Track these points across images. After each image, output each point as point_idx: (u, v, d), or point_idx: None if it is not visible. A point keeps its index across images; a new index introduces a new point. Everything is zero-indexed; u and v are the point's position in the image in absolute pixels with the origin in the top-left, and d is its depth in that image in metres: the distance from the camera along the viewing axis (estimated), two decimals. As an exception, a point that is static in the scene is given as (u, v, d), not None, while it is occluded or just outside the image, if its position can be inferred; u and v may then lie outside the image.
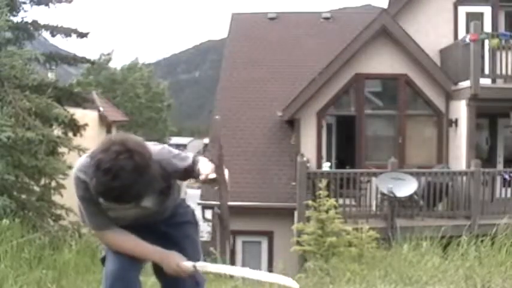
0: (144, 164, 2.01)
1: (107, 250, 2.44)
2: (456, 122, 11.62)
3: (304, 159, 10.37)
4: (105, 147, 1.99)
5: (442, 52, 12.31)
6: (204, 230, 15.04)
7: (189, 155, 2.36)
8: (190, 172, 2.31)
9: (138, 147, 2.03)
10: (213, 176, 2.19)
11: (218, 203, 2.37)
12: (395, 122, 12.34)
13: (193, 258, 2.48)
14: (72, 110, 9.76)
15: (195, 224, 2.67)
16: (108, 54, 37.85)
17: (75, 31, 10.05)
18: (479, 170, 9.87)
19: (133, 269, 2.39)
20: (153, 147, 2.26)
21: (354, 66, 12.14)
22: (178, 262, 2.31)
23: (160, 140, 32.65)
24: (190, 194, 18.19)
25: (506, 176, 10.16)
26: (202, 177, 2.21)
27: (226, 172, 2.24)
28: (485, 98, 10.64)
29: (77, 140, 9.29)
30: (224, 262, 7.66)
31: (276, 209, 11.68)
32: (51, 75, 12.40)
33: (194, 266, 2.33)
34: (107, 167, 1.95)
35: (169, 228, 2.53)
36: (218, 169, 2.20)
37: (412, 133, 12.26)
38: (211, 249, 7.61)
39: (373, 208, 9.96)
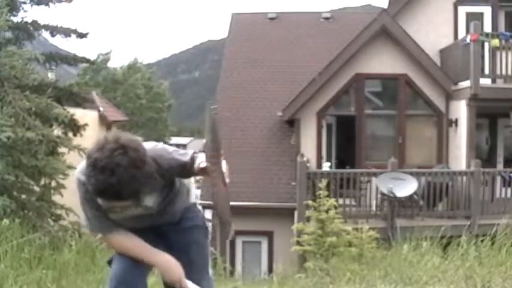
0: (140, 159, 2.01)
1: (114, 252, 2.44)
2: (456, 122, 11.62)
3: (304, 159, 10.38)
4: (100, 146, 2.01)
5: (442, 52, 12.31)
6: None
7: (189, 152, 2.33)
8: (188, 169, 2.28)
9: (132, 143, 2.03)
10: (203, 164, 2.16)
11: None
12: (395, 122, 12.34)
13: (201, 265, 2.49)
14: (72, 110, 9.74)
15: (205, 228, 2.63)
16: (107, 54, 37.78)
17: (74, 31, 10.03)
18: (479, 170, 9.87)
19: (138, 272, 2.37)
20: (147, 144, 2.27)
21: (354, 66, 12.14)
22: (182, 277, 2.31)
23: (160, 140, 32.63)
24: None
25: (506, 177, 10.17)
26: (194, 167, 2.20)
27: (224, 163, 2.20)
28: (485, 98, 10.64)
29: (77, 140, 9.27)
30: (224, 262, 7.67)
31: (276, 209, 11.68)
32: (51, 75, 12.38)
33: None
34: (102, 164, 1.96)
35: (177, 234, 2.51)
36: (213, 158, 2.13)
37: (412, 133, 12.26)
38: (212, 249, 7.61)
39: (373, 208, 9.96)
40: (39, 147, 7.88)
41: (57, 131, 9.21)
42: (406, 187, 9.36)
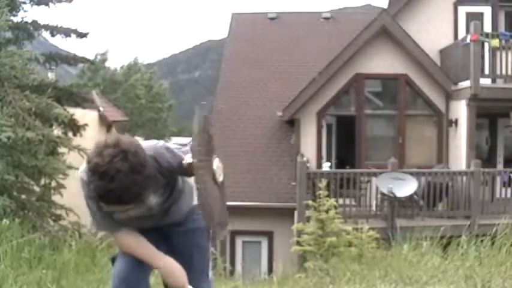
0: (140, 163, 2.00)
1: (118, 251, 2.43)
2: (456, 122, 11.62)
3: (304, 159, 10.38)
4: (99, 150, 1.99)
5: (442, 52, 12.31)
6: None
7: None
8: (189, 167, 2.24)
9: (131, 147, 2.01)
10: (189, 160, 2.12)
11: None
12: (395, 122, 12.34)
13: (201, 268, 2.49)
14: (72, 110, 9.74)
15: (207, 230, 2.62)
16: (104, 54, 37.62)
17: (75, 31, 10.01)
18: (479, 170, 9.88)
19: (140, 272, 2.36)
20: (148, 143, 2.26)
21: (354, 66, 12.14)
22: (185, 283, 2.30)
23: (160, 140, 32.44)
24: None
25: (505, 179, 10.18)
26: (183, 164, 2.17)
27: (216, 160, 2.16)
28: (485, 98, 10.65)
29: (77, 140, 9.27)
30: (224, 262, 7.67)
31: (276, 209, 11.68)
32: (51, 75, 12.38)
33: None
34: (102, 171, 1.95)
35: (180, 236, 2.50)
36: (201, 155, 2.08)
37: (412, 133, 12.26)
38: (212, 249, 7.61)
39: (373, 208, 9.96)
40: (39, 147, 7.86)
41: (57, 131, 9.21)
42: (406, 187, 9.36)
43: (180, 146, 2.34)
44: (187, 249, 2.49)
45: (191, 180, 2.47)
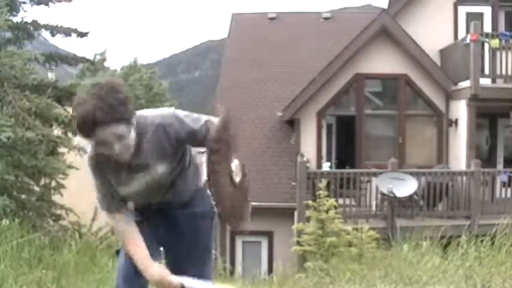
0: (109, 86, 2.11)
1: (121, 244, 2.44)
2: (456, 122, 11.62)
3: (304, 159, 10.39)
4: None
5: (442, 52, 12.32)
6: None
7: (202, 117, 2.28)
8: (199, 137, 2.22)
9: (103, 78, 2.16)
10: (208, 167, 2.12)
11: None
12: (395, 122, 12.34)
13: (204, 251, 2.52)
14: (72, 110, 9.73)
15: (212, 213, 2.53)
16: (102, 53, 37.52)
17: (75, 31, 9.99)
18: (479, 170, 9.88)
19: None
20: (157, 111, 2.34)
21: (354, 66, 12.15)
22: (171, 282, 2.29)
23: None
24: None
25: (505, 179, 10.18)
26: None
27: (235, 162, 2.19)
28: (485, 98, 10.65)
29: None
30: (224, 262, 7.66)
31: (276, 209, 11.67)
32: (51, 75, 12.36)
33: (182, 285, 2.29)
34: (78, 101, 2.11)
35: (183, 218, 2.48)
36: (220, 156, 2.08)
37: (412, 133, 12.26)
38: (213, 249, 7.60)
39: (373, 208, 9.97)
40: (39, 147, 7.85)
41: (57, 131, 9.20)
42: (406, 187, 9.37)
43: (191, 113, 2.32)
44: (191, 233, 2.48)
45: (199, 160, 2.47)
